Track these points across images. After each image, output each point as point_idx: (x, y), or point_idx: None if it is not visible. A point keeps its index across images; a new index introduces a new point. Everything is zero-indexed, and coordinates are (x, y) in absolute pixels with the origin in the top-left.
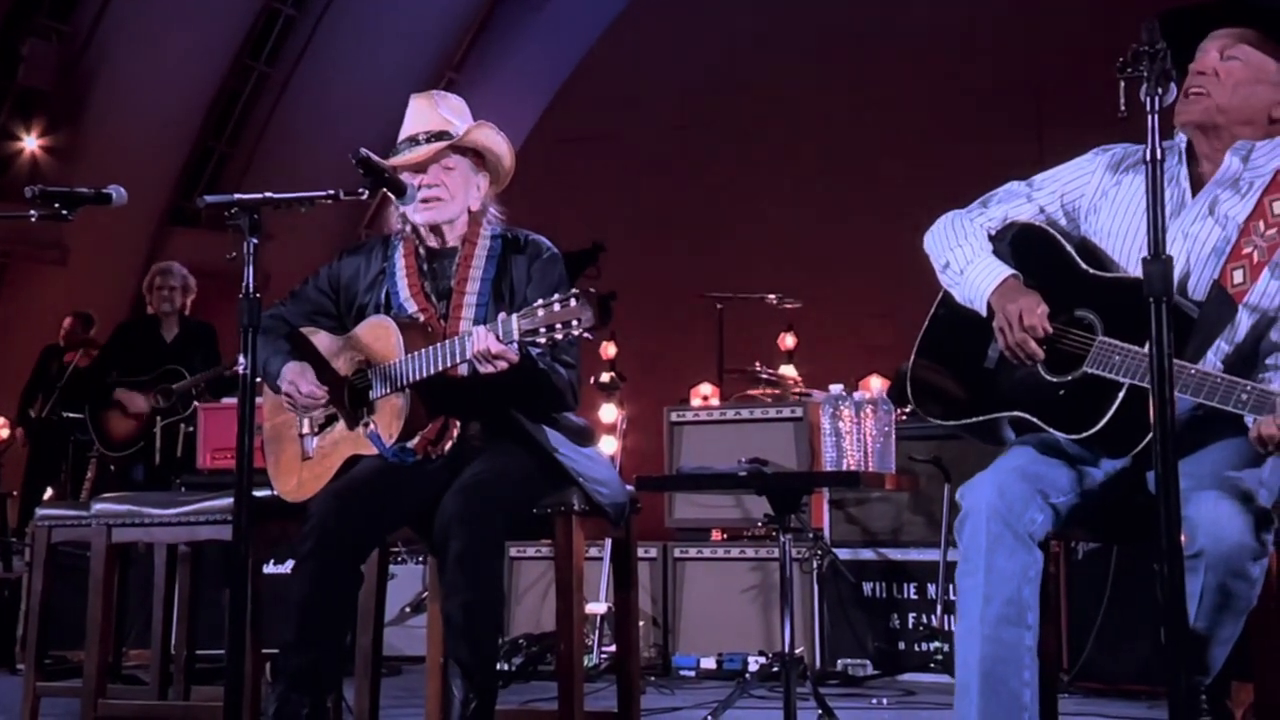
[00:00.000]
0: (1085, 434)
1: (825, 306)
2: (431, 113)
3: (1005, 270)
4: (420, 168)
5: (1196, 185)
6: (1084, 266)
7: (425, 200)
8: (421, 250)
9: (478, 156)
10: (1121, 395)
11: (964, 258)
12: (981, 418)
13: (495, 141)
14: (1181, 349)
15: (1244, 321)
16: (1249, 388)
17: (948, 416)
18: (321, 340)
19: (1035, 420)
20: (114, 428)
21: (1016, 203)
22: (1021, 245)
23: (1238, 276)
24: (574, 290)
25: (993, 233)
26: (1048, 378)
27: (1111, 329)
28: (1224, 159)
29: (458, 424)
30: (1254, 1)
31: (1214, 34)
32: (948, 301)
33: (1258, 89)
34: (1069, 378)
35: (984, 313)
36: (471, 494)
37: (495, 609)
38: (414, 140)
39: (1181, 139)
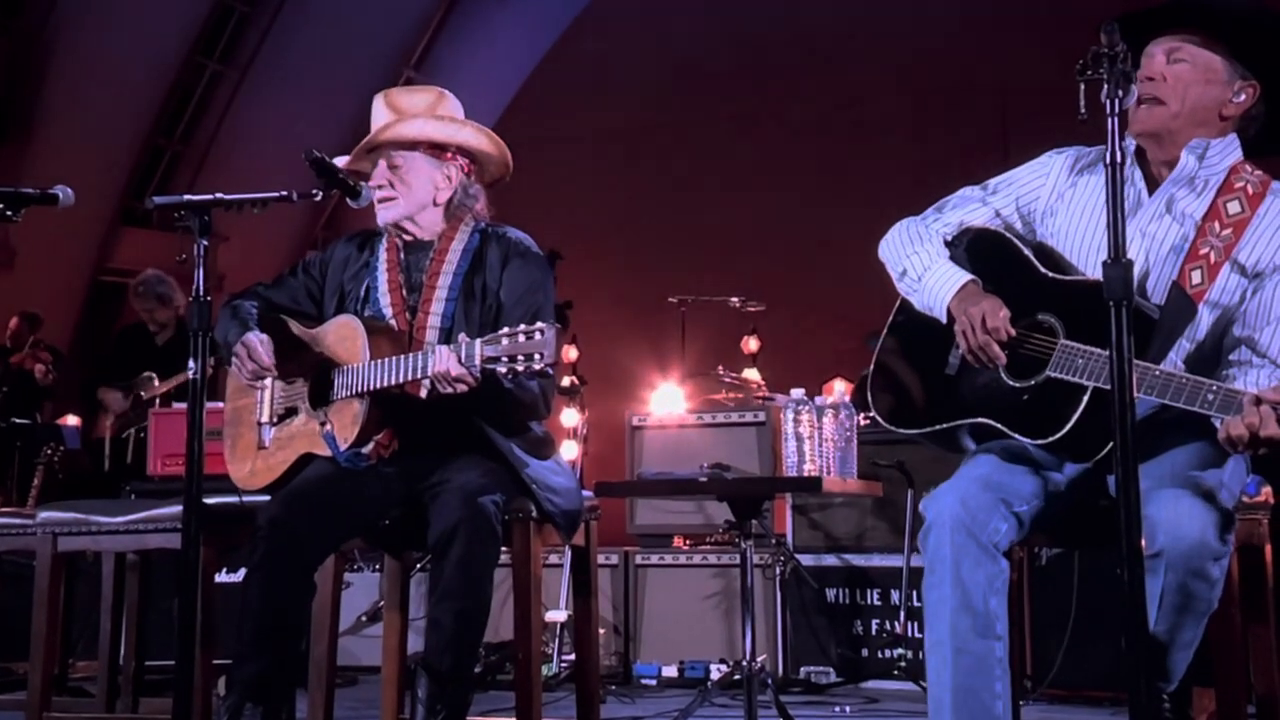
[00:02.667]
0: (1051, 439)
1: (789, 309)
2: (381, 114)
3: (964, 276)
4: (371, 168)
5: (1152, 185)
6: (1043, 270)
7: (378, 200)
8: (401, 243)
9: (436, 149)
10: (1086, 399)
11: (921, 264)
12: (945, 425)
13: (435, 130)
14: (1144, 350)
15: (1205, 319)
16: (1215, 388)
17: (911, 425)
18: (294, 326)
19: (1000, 426)
20: (98, 427)
21: (971, 207)
22: (978, 250)
23: (1195, 277)
24: (539, 324)
25: (948, 238)
26: (1010, 383)
27: (1073, 332)
28: (1180, 157)
29: (404, 435)
30: (1199, 3)
31: (1158, 38)
32: (906, 309)
33: (1208, 89)
34: (1032, 382)
35: (944, 319)
36: (474, 500)
37: (484, 621)
38: (368, 146)
39: (1131, 140)
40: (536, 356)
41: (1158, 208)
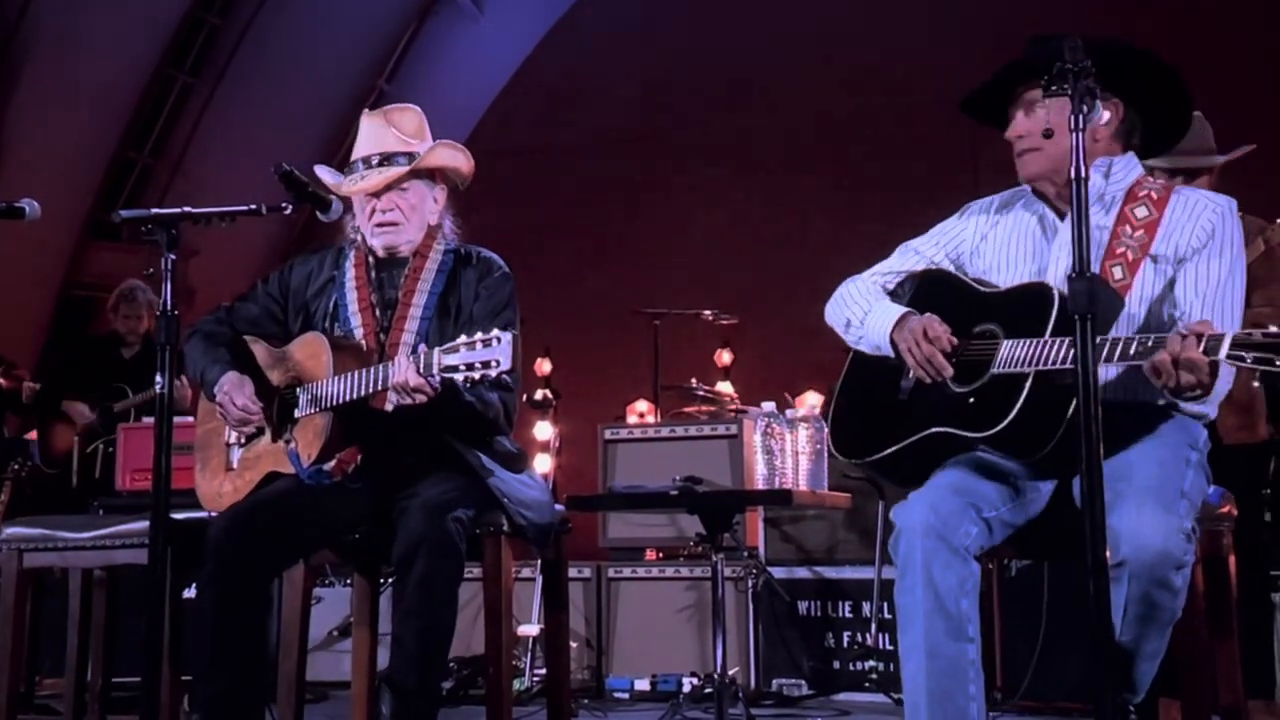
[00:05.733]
0: (998, 428)
1: (762, 323)
2: (384, 132)
3: (901, 309)
4: (374, 192)
5: (1059, 213)
6: (980, 289)
7: (381, 225)
8: (371, 260)
9: (433, 172)
10: (1028, 386)
11: (861, 311)
12: (901, 443)
13: (456, 159)
14: None
15: (1137, 311)
16: (1147, 339)
17: (870, 452)
18: (259, 350)
19: (951, 430)
20: (57, 441)
21: (907, 258)
22: (921, 289)
23: (1118, 273)
24: (496, 331)
25: (888, 288)
26: (958, 390)
27: (1013, 332)
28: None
29: (371, 450)
30: (1040, 57)
31: (1016, 95)
32: (857, 360)
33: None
34: (979, 383)
35: (891, 351)
36: (437, 516)
37: (449, 637)
38: (367, 162)
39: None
40: (494, 363)
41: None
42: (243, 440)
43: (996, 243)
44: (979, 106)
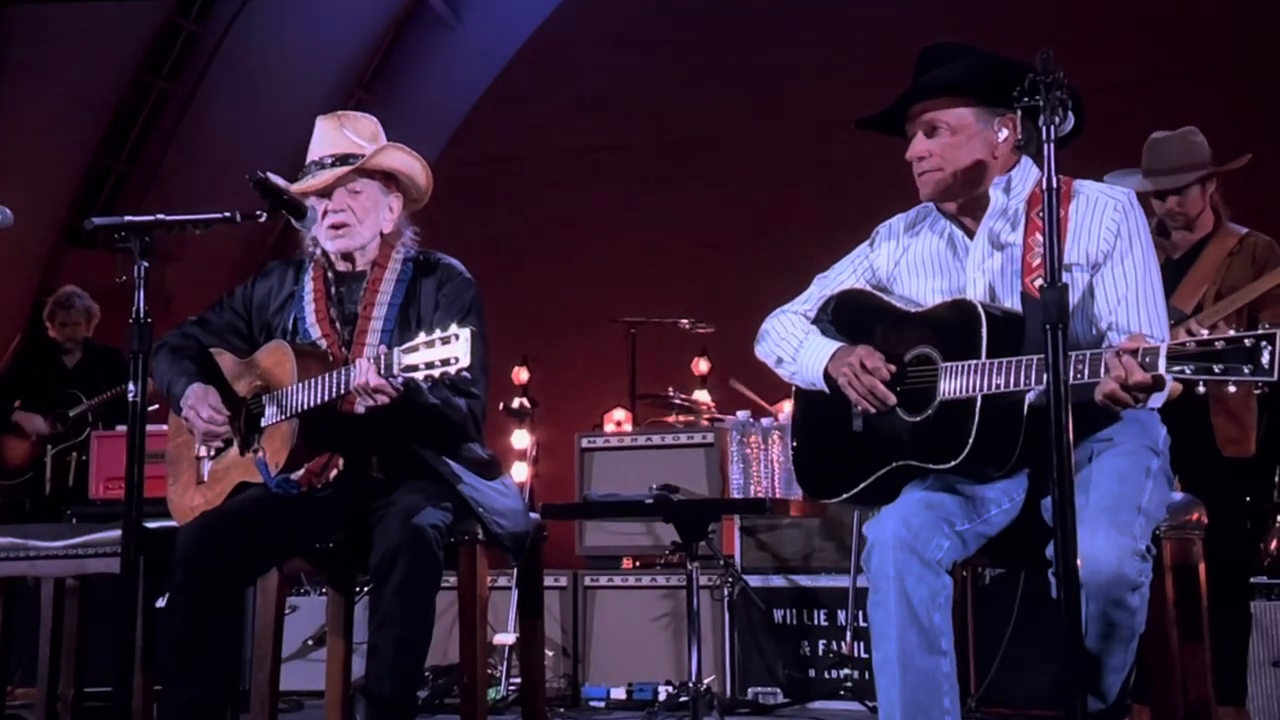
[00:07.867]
0: (960, 458)
1: (739, 331)
2: (337, 135)
3: (833, 343)
4: (325, 193)
5: (967, 231)
6: (905, 308)
7: (332, 226)
8: (330, 274)
9: (388, 178)
10: (978, 412)
11: (791, 347)
12: (868, 480)
13: (404, 162)
14: (1017, 351)
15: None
16: (1080, 356)
17: (839, 491)
18: (226, 362)
19: (916, 463)
20: (9, 453)
21: (826, 289)
22: (843, 311)
23: (1039, 285)
24: (454, 330)
25: (810, 315)
26: (910, 419)
27: (949, 354)
28: (989, 196)
29: (341, 458)
30: (935, 81)
31: (913, 116)
32: (803, 397)
33: (970, 144)
34: (929, 412)
35: (826, 387)
36: (414, 524)
37: (425, 646)
38: (320, 164)
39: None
40: (454, 359)
41: (985, 247)
42: (213, 453)
43: (913, 265)
44: (879, 124)
